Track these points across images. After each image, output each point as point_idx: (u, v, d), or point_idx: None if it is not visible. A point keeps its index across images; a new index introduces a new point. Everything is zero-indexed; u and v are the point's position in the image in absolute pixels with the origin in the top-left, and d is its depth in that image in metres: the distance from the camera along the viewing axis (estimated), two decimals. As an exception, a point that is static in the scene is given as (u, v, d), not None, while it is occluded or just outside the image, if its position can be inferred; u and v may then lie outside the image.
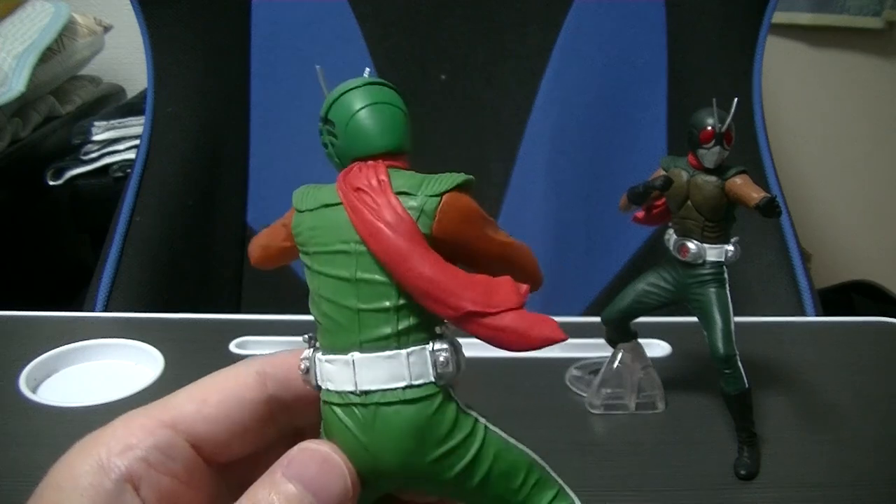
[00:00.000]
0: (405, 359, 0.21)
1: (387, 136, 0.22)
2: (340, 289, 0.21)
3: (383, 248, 0.21)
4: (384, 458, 0.21)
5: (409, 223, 0.21)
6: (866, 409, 0.48)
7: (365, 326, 0.21)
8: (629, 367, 0.47)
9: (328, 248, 0.22)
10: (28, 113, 0.98)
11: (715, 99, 0.41)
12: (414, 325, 0.21)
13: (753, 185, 0.41)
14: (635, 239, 0.83)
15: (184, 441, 0.22)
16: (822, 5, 1.22)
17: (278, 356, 0.25)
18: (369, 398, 0.21)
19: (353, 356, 0.21)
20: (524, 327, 0.21)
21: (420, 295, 0.21)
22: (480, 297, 0.21)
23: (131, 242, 0.71)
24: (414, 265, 0.20)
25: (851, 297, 1.10)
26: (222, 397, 0.23)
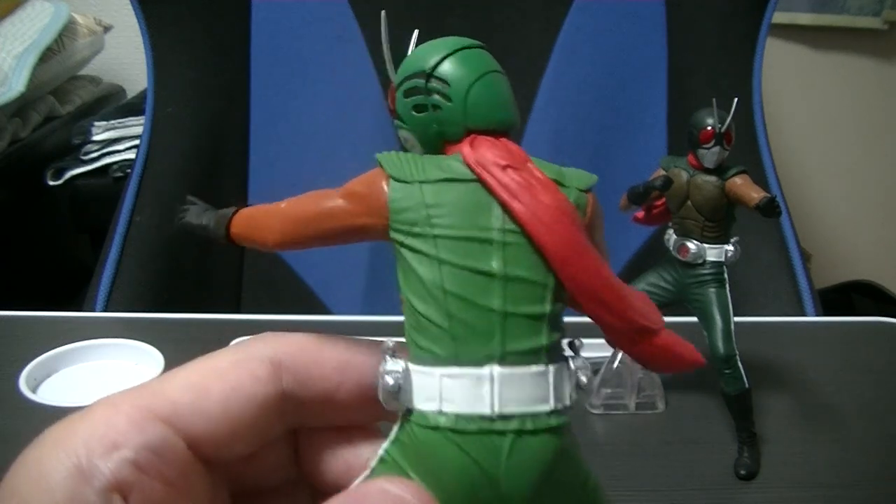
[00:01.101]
0: (552, 377, 0.18)
1: (510, 110, 0.19)
2: (480, 285, 0.17)
3: (558, 239, 0.17)
4: (514, 496, 0.17)
5: (577, 214, 0.18)
6: (866, 409, 0.48)
7: (511, 335, 0.17)
8: (629, 367, 0.47)
9: (461, 232, 0.18)
10: (28, 113, 0.98)
11: (715, 99, 0.41)
12: (558, 339, 0.18)
13: (753, 185, 0.41)
14: (635, 239, 0.83)
15: (179, 439, 0.18)
16: (822, 5, 1.22)
17: (296, 342, 0.20)
18: (510, 423, 0.17)
19: (494, 370, 0.17)
20: (677, 347, 0.19)
21: (591, 299, 0.18)
22: (643, 309, 0.18)
23: (131, 242, 0.71)
24: (592, 263, 0.18)
25: (851, 297, 1.10)
26: (227, 390, 0.19)
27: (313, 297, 0.81)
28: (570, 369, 0.18)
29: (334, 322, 0.58)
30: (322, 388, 0.20)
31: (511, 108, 0.19)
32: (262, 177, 0.83)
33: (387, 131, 0.83)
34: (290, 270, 0.81)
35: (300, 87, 0.83)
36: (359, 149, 0.83)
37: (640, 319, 0.18)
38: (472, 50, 0.19)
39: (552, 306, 0.18)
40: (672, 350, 0.19)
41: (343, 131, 0.83)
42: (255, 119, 0.84)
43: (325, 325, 0.56)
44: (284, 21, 0.84)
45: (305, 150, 0.83)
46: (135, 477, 0.17)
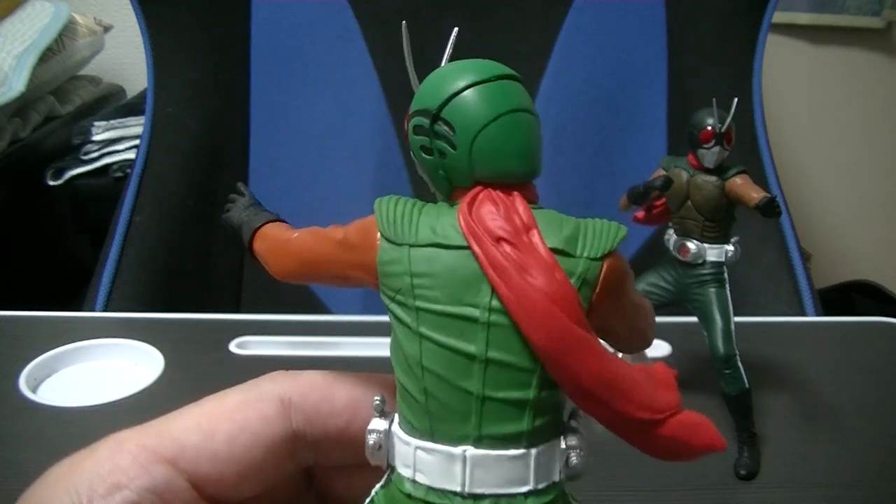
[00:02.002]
0: (533, 460, 0.17)
1: (530, 160, 0.17)
2: (458, 366, 0.16)
3: (542, 328, 0.16)
4: None
5: (575, 300, 0.16)
6: (866, 409, 0.48)
7: (488, 418, 0.17)
8: (629, 367, 0.47)
9: (445, 308, 0.16)
10: (28, 113, 0.98)
11: (715, 99, 0.41)
12: (549, 423, 0.17)
13: (753, 185, 0.41)
14: (635, 239, 0.83)
15: (184, 481, 0.18)
16: (822, 5, 1.22)
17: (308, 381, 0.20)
18: (479, 502, 0.17)
19: (467, 452, 0.17)
20: (688, 436, 0.17)
21: (581, 395, 0.17)
22: (646, 398, 0.17)
23: (131, 242, 0.71)
24: (582, 358, 0.16)
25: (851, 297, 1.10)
26: (234, 431, 0.19)
27: (313, 297, 0.81)
28: (561, 448, 0.17)
29: (334, 322, 0.58)
30: (333, 426, 0.19)
31: (529, 156, 0.17)
32: (262, 177, 0.83)
33: (387, 131, 0.83)
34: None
35: (300, 87, 0.83)
36: (359, 149, 0.83)
37: (639, 413, 0.17)
38: (491, 84, 0.17)
39: (539, 392, 0.17)
40: (678, 440, 0.17)
41: (343, 131, 0.83)
42: (255, 119, 0.84)
43: (325, 325, 0.56)
44: (284, 21, 0.84)
45: (305, 150, 0.83)
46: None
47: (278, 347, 0.53)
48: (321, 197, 0.81)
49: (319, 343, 0.54)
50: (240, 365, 0.50)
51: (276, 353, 0.52)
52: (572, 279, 0.16)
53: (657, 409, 0.17)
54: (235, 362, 0.50)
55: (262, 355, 0.51)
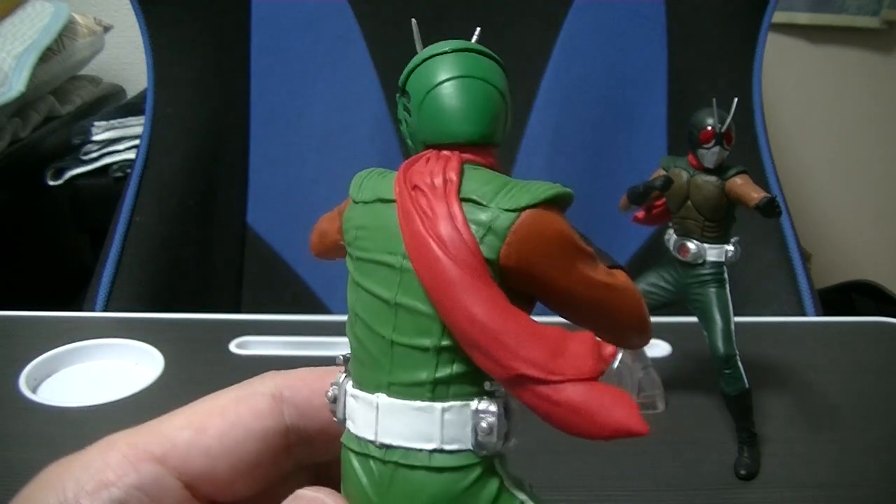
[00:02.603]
0: (439, 415, 0.16)
1: (471, 121, 0.17)
2: (377, 311, 0.17)
3: (429, 271, 0.16)
4: None
5: (467, 244, 0.16)
6: (866, 409, 0.48)
7: (397, 364, 0.17)
8: (629, 367, 0.47)
9: (372, 256, 0.17)
10: (28, 113, 0.98)
11: (715, 99, 0.41)
12: (457, 375, 0.17)
13: (753, 185, 0.41)
14: (635, 239, 0.83)
15: (174, 479, 0.18)
16: (821, 5, 1.22)
17: (299, 376, 0.20)
18: (389, 454, 0.17)
19: (379, 399, 0.17)
20: (592, 407, 0.16)
21: (465, 341, 0.16)
22: (542, 356, 0.16)
23: (131, 242, 0.71)
24: (463, 301, 0.16)
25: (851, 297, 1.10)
26: (226, 426, 0.19)
27: (313, 297, 0.81)
28: (474, 412, 0.17)
29: (334, 322, 0.58)
30: (326, 419, 0.19)
31: (472, 119, 0.17)
32: (262, 177, 0.83)
33: (387, 131, 0.83)
34: (290, 270, 0.81)
35: (300, 87, 0.83)
36: (359, 149, 0.83)
37: (518, 367, 0.15)
38: (446, 55, 0.18)
39: (440, 340, 0.16)
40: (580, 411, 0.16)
41: (343, 131, 0.83)
42: (255, 119, 0.84)
43: (325, 325, 0.56)
44: (284, 21, 0.84)
45: (305, 150, 0.83)
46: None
47: (278, 347, 0.53)
48: (321, 197, 0.81)
49: (319, 343, 0.54)
50: (240, 365, 0.50)
51: (276, 353, 0.52)
52: (476, 226, 0.16)
53: (552, 369, 0.15)
54: (235, 362, 0.50)
55: (262, 355, 0.51)
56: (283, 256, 0.81)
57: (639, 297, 0.18)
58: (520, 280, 0.17)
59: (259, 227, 0.81)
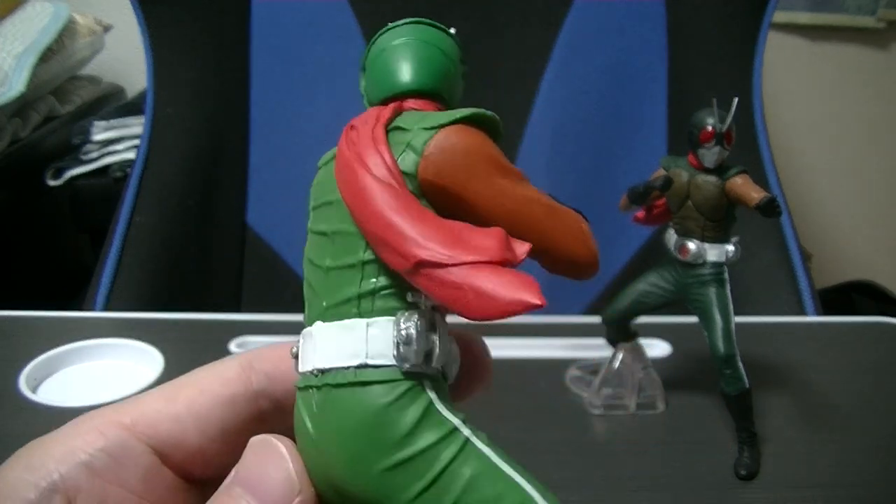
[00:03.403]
0: (364, 331, 0.17)
1: (412, 74, 0.18)
2: (319, 246, 0.18)
3: (347, 185, 0.17)
4: (330, 458, 0.17)
5: (384, 157, 0.17)
6: (866, 409, 0.48)
7: (331, 288, 0.17)
8: (629, 367, 0.47)
9: (319, 200, 0.18)
10: (28, 113, 0.98)
11: (715, 99, 0.41)
12: (380, 288, 0.17)
13: (754, 185, 0.41)
14: (635, 239, 0.83)
15: (142, 444, 0.18)
16: (821, 4, 1.22)
17: (269, 347, 0.21)
18: (323, 378, 0.17)
19: (315, 326, 0.17)
20: (489, 286, 0.15)
21: (374, 241, 0.16)
22: (443, 243, 0.16)
23: (131, 242, 0.71)
24: (370, 202, 0.16)
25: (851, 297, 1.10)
26: (194, 393, 0.19)
27: (313, 297, 0.81)
28: (396, 324, 0.17)
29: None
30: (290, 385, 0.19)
31: (417, 71, 0.19)
32: (262, 177, 0.83)
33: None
34: (290, 270, 0.81)
35: (300, 87, 0.83)
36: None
37: (420, 253, 0.16)
38: (396, 28, 0.19)
39: (367, 254, 0.17)
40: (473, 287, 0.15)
41: (343, 131, 0.83)
42: (254, 119, 0.84)
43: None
44: (284, 21, 0.84)
45: (305, 150, 0.83)
46: (85, 480, 0.17)
47: (278, 347, 0.53)
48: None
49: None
50: (240, 365, 0.50)
51: (276, 353, 0.52)
52: (396, 147, 0.17)
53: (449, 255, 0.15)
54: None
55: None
56: (282, 256, 0.81)
57: (581, 223, 0.18)
58: (443, 198, 0.17)
59: (259, 227, 0.81)
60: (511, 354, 0.53)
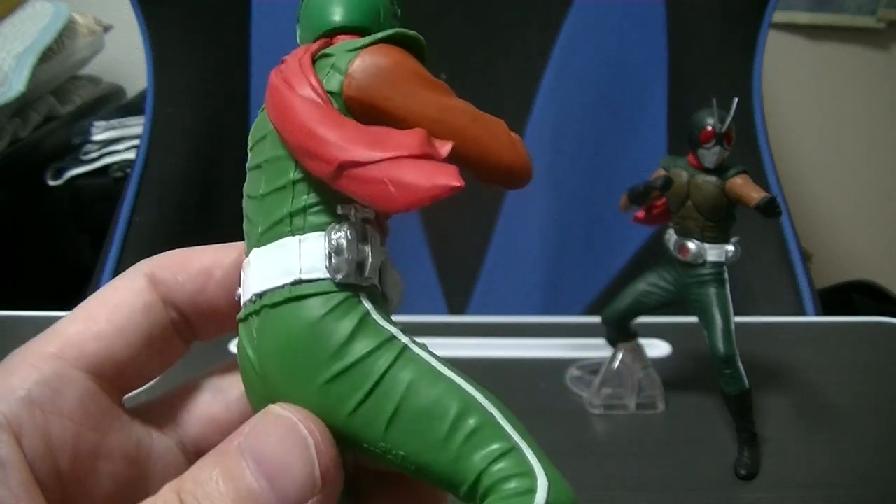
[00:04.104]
0: (297, 247, 0.17)
1: (341, 11, 0.19)
2: (254, 178, 0.18)
3: (274, 108, 0.17)
4: (271, 380, 0.17)
5: (308, 78, 0.17)
6: (866, 409, 0.48)
7: (265, 213, 0.18)
8: (629, 367, 0.47)
9: (255, 139, 0.19)
10: (28, 113, 0.98)
11: (715, 99, 0.41)
12: (311, 204, 0.17)
13: (753, 185, 0.41)
14: (635, 239, 0.83)
15: (75, 370, 0.18)
16: (821, 4, 1.22)
17: (165, 256, 0.21)
18: (260, 302, 0.17)
19: (252, 253, 0.18)
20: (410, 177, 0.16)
21: (300, 154, 0.17)
22: (365, 145, 0.16)
23: (131, 242, 0.71)
24: (294, 117, 0.17)
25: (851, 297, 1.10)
26: (111, 308, 0.19)
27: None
28: (326, 236, 0.17)
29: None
30: (191, 291, 0.20)
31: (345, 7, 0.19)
32: (262, 177, 0.82)
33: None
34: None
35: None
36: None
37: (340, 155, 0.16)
38: None
39: (296, 173, 0.17)
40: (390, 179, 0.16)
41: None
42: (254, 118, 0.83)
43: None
44: (284, 21, 0.84)
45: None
46: (27, 415, 0.17)
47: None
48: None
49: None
50: (240, 365, 0.50)
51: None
52: (322, 70, 0.17)
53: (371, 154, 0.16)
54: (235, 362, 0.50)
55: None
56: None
57: (508, 130, 0.18)
58: (368, 113, 0.17)
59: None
60: (511, 354, 0.53)
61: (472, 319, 0.61)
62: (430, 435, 0.16)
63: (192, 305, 0.20)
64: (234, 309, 0.19)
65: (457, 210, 0.82)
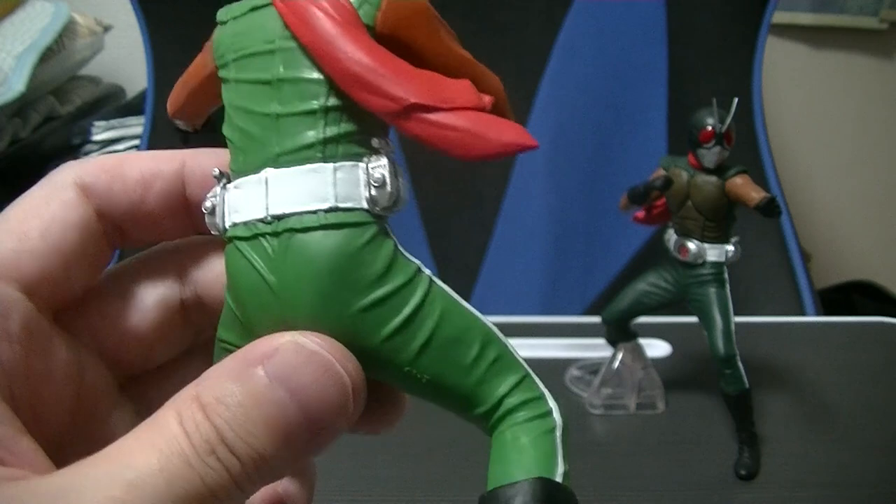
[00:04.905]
0: (331, 174, 0.17)
1: None
2: (258, 94, 0.18)
3: (312, 33, 0.17)
4: (295, 303, 0.17)
5: (346, 8, 0.17)
6: (866, 409, 0.48)
7: (284, 134, 0.17)
8: (629, 367, 0.47)
9: (248, 50, 0.18)
10: (28, 113, 0.98)
11: (715, 99, 0.41)
12: (345, 134, 0.17)
13: (753, 185, 0.41)
14: (635, 239, 0.83)
15: (15, 291, 0.17)
16: (823, 5, 1.22)
17: (97, 161, 0.20)
18: (282, 224, 0.17)
19: (267, 173, 0.17)
20: (481, 128, 0.17)
21: (352, 83, 0.17)
22: (427, 88, 0.17)
23: (131, 242, 0.71)
24: (345, 47, 0.17)
25: (851, 297, 1.10)
26: (44, 224, 0.18)
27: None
28: (365, 168, 0.17)
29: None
30: (128, 203, 0.19)
31: None
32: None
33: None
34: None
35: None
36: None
37: (410, 97, 0.16)
38: None
39: (328, 100, 0.17)
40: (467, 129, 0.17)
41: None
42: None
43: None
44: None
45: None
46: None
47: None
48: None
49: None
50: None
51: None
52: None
53: (441, 99, 0.17)
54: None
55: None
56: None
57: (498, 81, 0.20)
58: (396, 49, 0.17)
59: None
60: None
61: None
62: (458, 361, 0.17)
63: (129, 216, 0.20)
64: (175, 219, 0.20)
65: (457, 210, 0.82)
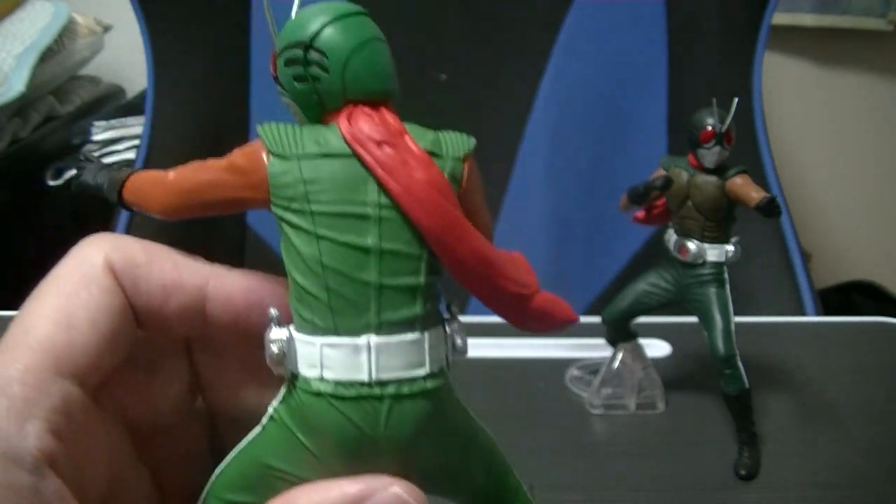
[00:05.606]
0: (426, 343, 0.19)
1: (388, 78, 0.20)
2: (356, 259, 0.18)
3: (432, 215, 0.18)
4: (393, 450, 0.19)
5: (451, 189, 0.19)
6: (866, 409, 0.48)
7: (386, 306, 0.18)
8: (629, 367, 0.47)
9: (338, 208, 0.18)
10: (28, 113, 0.98)
11: (715, 99, 0.41)
12: (434, 307, 0.19)
13: (754, 185, 0.41)
14: (635, 239, 0.83)
15: (76, 388, 0.17)
16: (826, 6, 1.22)
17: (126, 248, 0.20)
18: (387, 389, 0.18)
19: (370, 340, 0.18)
20: (550, 309, 0.20)
21: (465, 272, 0.19)
22: (520, 276, 0.20)
23: (131, 242, 0.71)
24: (467, 237, 0.18)
25: (851, 297, 1.10)
26: (90, 315, 0.18)
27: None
28: (447, 333, 0.19)
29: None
30: (147, 304, 0.19)
31: (389, 78, 0.20)
32: (262, 177, 0.82)
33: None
34: (290, 270, 0.81)
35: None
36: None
37: (512, 287, 0.19)
38: (352, 18, 0.20)
39: (426, 277, 0.19)
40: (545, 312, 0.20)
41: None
42: (254, 119, 0.84)
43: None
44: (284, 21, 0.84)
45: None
46: (56, 446, 0.16)
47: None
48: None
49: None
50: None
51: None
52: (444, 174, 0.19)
53: (526, 285, 0.19)
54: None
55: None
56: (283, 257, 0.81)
57: None
58: None
59: (259, 227, 0.81)
60: (511, 354, 0.53)
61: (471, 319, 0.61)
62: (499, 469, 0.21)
63: (145, 316, 0.19)
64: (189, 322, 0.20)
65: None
